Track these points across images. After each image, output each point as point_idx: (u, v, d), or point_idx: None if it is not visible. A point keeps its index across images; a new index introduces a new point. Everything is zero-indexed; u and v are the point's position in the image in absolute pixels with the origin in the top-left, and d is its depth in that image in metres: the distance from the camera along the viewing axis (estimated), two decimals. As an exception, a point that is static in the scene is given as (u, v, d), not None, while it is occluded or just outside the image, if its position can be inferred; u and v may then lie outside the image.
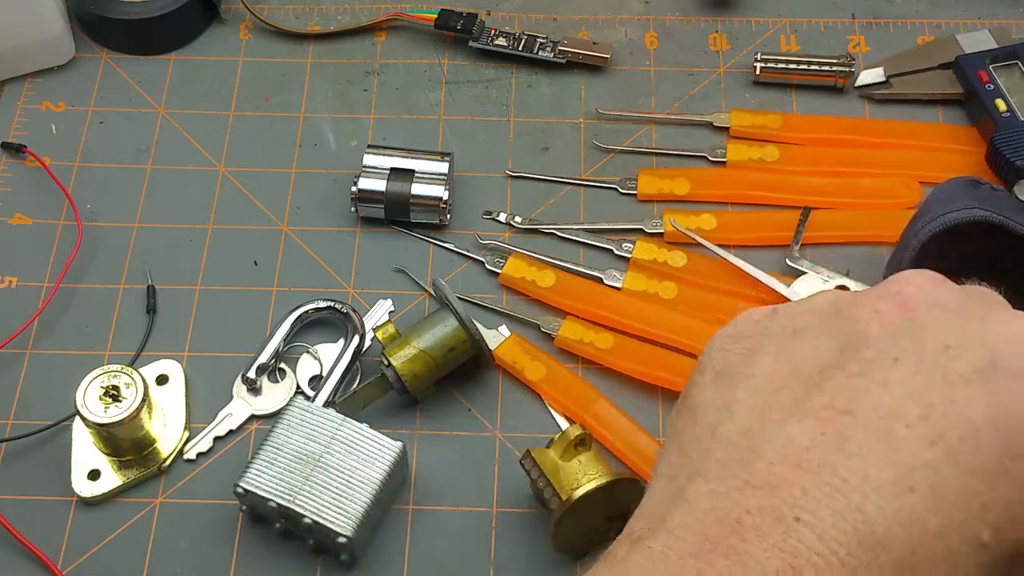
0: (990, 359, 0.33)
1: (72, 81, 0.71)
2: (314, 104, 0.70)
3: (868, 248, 0.64)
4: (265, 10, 0.74)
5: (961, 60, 0.69)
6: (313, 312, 0.61)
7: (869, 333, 0.34)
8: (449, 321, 0.58)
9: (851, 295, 0.36)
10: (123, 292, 0.63)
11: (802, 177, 0.66)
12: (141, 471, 0.57)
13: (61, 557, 0.55)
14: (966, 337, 0.33)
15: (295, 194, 0.67)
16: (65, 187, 0.66)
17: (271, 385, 0.60)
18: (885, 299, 0.35)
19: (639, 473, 0.57)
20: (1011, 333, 0.33)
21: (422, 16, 0.72)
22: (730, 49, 0.73)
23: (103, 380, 0.55)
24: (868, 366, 0.33)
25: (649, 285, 0.62)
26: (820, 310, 0.36)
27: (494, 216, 0.66)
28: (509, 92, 0.71)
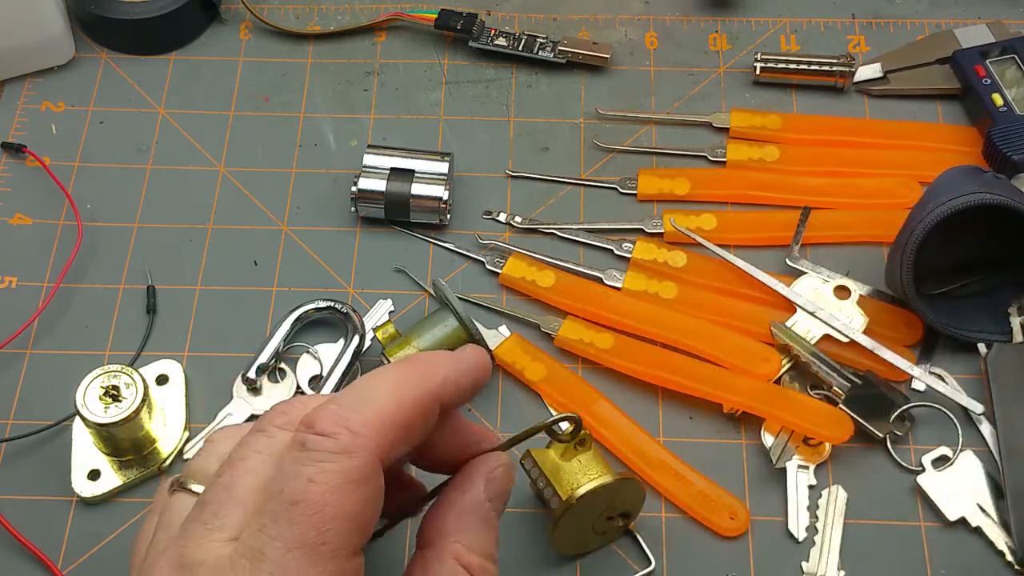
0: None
1: (72, 81, 0.72)
2: (314, 104, 0.70)
3: (868, 248, 0.64)
4: (265, 10, 0.74)
5: (958, 55, 0.69)
6: (313, 312, 0.61)
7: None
8: (449, 321, 0.58)
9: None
10: (123, 292, 0.63)
11: (802, 177, 0.66)
12: (141, 471, 0.57)
13: (61, 557, 0.55)
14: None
15: (295, 194, 0.67)
16: (65, 187, 0.66)
17: (271, 385, 0.60)
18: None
19: (639, 473, 0.57)
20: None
21: (422, 16, 0.72)
22: (730, 49, 0.73)
23: (103, 380, 0.55)
24: None
25: (649, 285, 0.62)
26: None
27: (494, 216, 0.66)
28: (509, 92, 0.71)
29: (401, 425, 0.38)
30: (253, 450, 0.39)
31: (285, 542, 0.35)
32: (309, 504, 0.35)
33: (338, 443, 0.36)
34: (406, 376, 0.39)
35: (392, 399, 0.38)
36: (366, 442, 0.37)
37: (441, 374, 0.40)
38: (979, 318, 0.60)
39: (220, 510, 0.37)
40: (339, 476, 0.36)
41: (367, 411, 0.37)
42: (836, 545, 0.55)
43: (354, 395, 0.38)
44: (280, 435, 0.39)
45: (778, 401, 0.57)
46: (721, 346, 0.59)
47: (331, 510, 0.36)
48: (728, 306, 0.61)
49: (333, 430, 0.37)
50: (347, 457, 0.36)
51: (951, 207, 0.56)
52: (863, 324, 0.59)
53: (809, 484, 0.56)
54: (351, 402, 0.38)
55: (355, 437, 0.37)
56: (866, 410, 0.57)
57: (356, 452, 0.36)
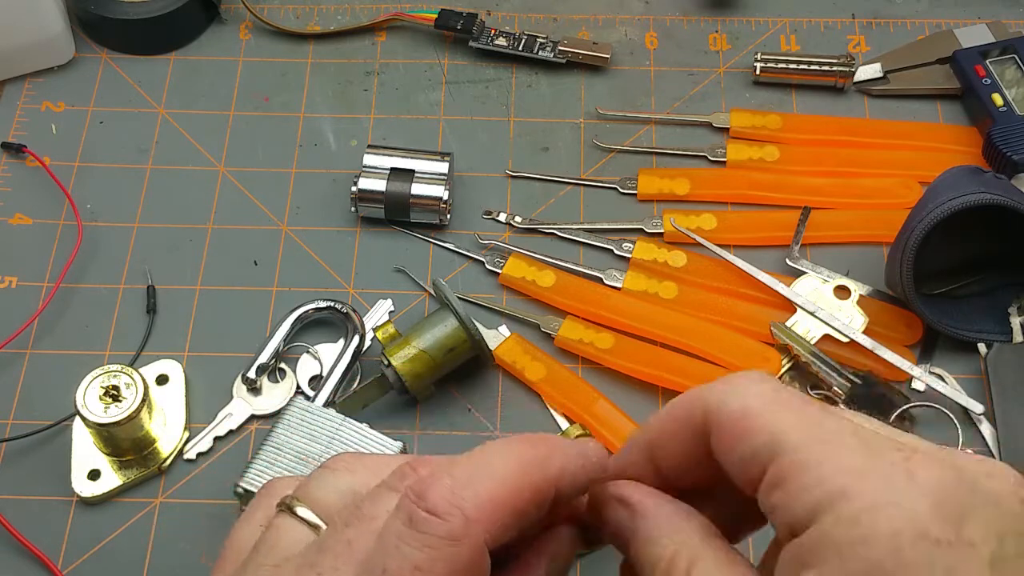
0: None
1: (72, 81, 0.72)
2: (314, 104, 0.70)
3: (868, 248, 0.64)
4: (265, 10, 0.74)
5: (958, 55, 0.69)
6: (313, 312, 0.61)
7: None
8: (449, 321, 0.58)
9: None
10: (123, 292, 0.63)
11: (802, 177, 0.66)
12: (141, 471, 0.57)
13: (61, 557, 0.55)
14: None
15: (295, 194, 0.67)
16: (65, 187, 0.66)
17: (271, 385, 0.60)
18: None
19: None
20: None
21: (422, 16, 0.72)
22: (730, 49, 0.73)
23: (103, 380, 0.55)
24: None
25: (649, 285, 0.62)
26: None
27: (494, 216, 0.66)
28: (509, 92, 0.71)
29: (514, 511, 0.35)
30: (384, 508, 0.36)
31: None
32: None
33: (450, 528, 0.33)
34: (528, 457, 0.36)
35: (511, 481, 0.35)
36: (478, 529, 0.34)
37: (560, 463, 0.37)
38: (979, 318, 0.60)
39: (338, 564, 0.35)
40: (447, 566, 0.33)
41: (483, 492, 0.34)
42: (836, 545, 0.55)
43: (471, 468, 0.35)
44: (449, 547, 0.35)
45: (778, 401, 0.57)
46: (721, 346, 0.59)
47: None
48: (728, 306, 0.61)
49: (446, 510, 0.34)
50: (456, 545, 0.33)
51: (951, 207, 0.56)
52: (863, 324, 0.59)
53: (809, 484, 0.56)
54: (467, 477, 0.35)
55: (467, 523, 0.34)
56: (866, 410, 0.57)
57: (467, 540, 0.34)
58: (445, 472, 0.35)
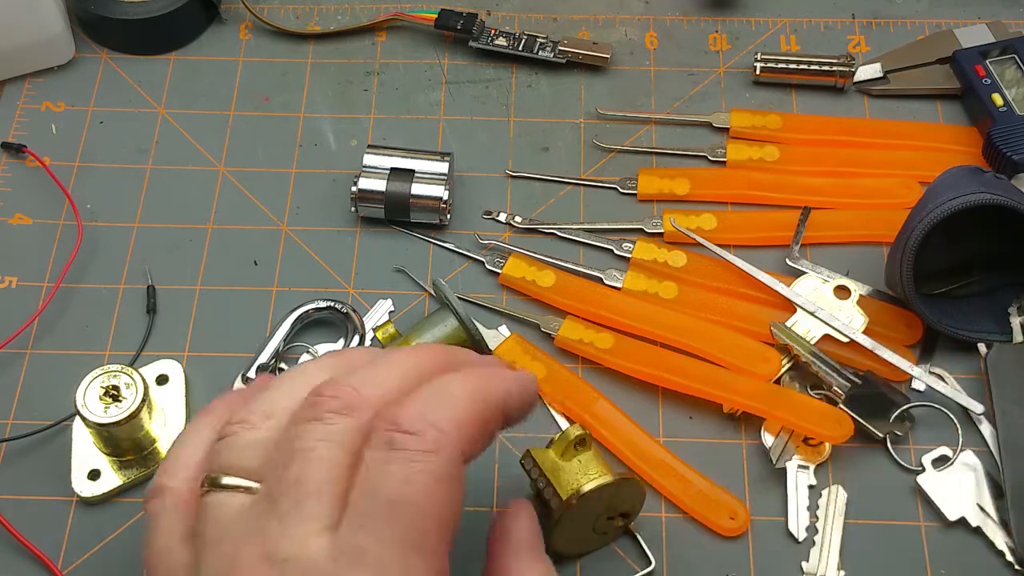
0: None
1: (72, 81, 0.72)
2: (314, 104, 0.70)
3: (868, 248, 0.64)
4: (265, 10, 0.74)
5: (958, 55, 0.69)
6: (313, 312, 0.61)
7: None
8: (449, 321, 0.58)
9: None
10: (123, 292, 0.63)
11: (802, 177, 0.66)
12: (141, 471, 0.57)
13: (61, 557, 0.55)
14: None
15: (295, 194, 0.67)
16: (65, 187, 0.66)
17: (271, 385, 0.60)
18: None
19: (639, 473, 0.57)
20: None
21: (422, 16, 0.72)
22: (730, 49, 0.73)
23: (103, 380, 0.55)
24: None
25: (649, 285, 0.62)
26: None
27: (494, 216, 0.66)
28: (509, 92, 0.71)
29: (479, 425, 0.39)
30: (316, 439, 0.38)
31: (386, 541, 0.36)
32: (407, 504, 0.36)
33: (425, 441, 0.37)
34: (480, 381, 0.41)
35: (470, 400, 0.39)
36: (451, 441, 0.38)
37: (505, 387, 0.41)
38: (979, 318, 0.60)
39: (299, 503, 0.37)
40: (431, 476, 0.37)
41: (449, 413, 0.38)
42: (836, 545, 0.55)
43: (433, 395, 0.39)
44: (341, 422, 0.38)
45: (778, 401, 0.57)
46: (721, 346, 0.59)
47: (427, 509, 0.37)
48: (728, 306, 0.61)
49: (420, 427, 0.37)
50: (435, 456, 0.37)
51: (951, 207, 0.56)
52: (863, 324, 0.59)
53: (809, 484, 0.56)
54: (432, 401, 0.39)
55: (441, 435, 0.38)
56: (866, 410, 0.57)
57: (443, 450, 0.37)
58: (410, 400, 0.39)
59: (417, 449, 0.37)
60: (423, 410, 0.38)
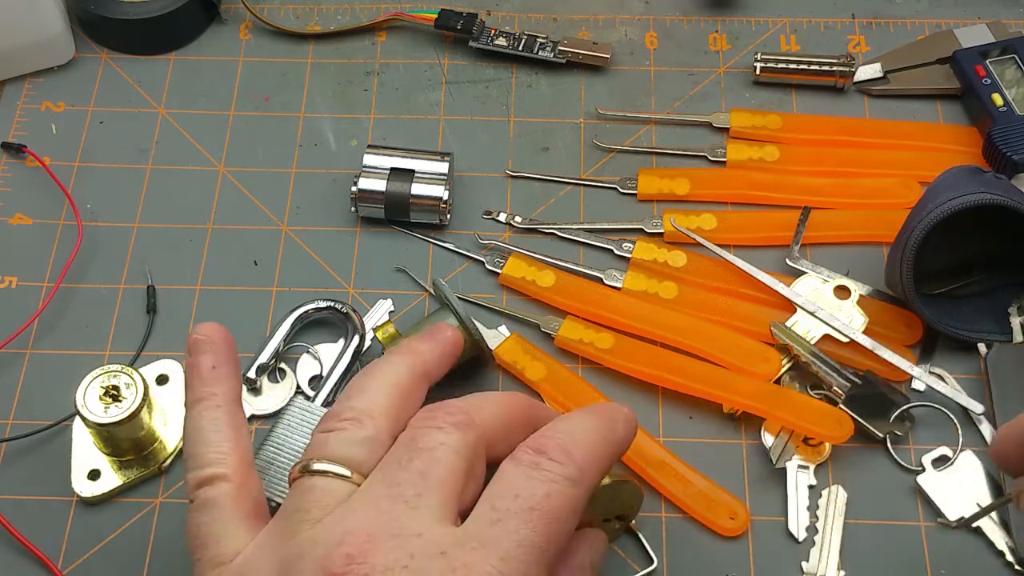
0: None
1: (72, 81, 0.72)
2: (314, 104, 0.70)
3: (868, 248, 0.64)
4: (265, 10, 0.74)
5: (958, 55, 0.69)
6: (313, 312, 0.61)
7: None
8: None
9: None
10: (123, 292, 0.63)
11: (802, 177, 0.66)
12: (141, 471, 0.57)
13: (61, 557, 0.55)
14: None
15: (295, 194, 0.67)
16: (65, 187, 0.66)
17: (271, 385, 0.60)
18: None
19: (639, 473, 0.57)
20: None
21: (422, 16, 0.72)
22: (730, 49, 0.73)
23: (103, 380, 0.55)
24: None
25: (649, 285, 0.62)
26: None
27: (494, 216, 0.66)
28: (509, 92, 0.71)
29: (603, 467, 0.44)
30: (438, 441, 0.42)
31: (518, 538, 0.39)
32: (545, 513, 0.40)
33: (568, 470, 0.41)
34: (604, 424, 0.45)
35: (600, 443, 0.44)
36: (587, 476, 0.42)
37: (621, 428, 0.46)
38: (979, 318, 0.60)
39: (423, 492, 0.41)
40: (568, 499, 0.41)
41: (585, 448, 0.43)
42: (836, 545, 0.55)
43: (571, 429, 0.43)
44: (455, 433, 0.43)
45: (778, 401, 0.57)
46: (721, 346, 0.59)
47: (558, 525, 0.41)
48: (728, 306, 0.61)
49: (563, 459, 0.42)
50: (573, 485, 0.42)
51: (951, 207, 0.56)
52: (863, 324, 0.59)
53: (809, 484, 0.56)
54: (571, 437, 0.43)
55: (579, 471, 0.42)
56: (866, 410, 0.57)
57: (581, 483, 0.42)
58: (553, 433, 0.43)
59: (560, 475, 0.41)
60: (565, 444, 0.42)
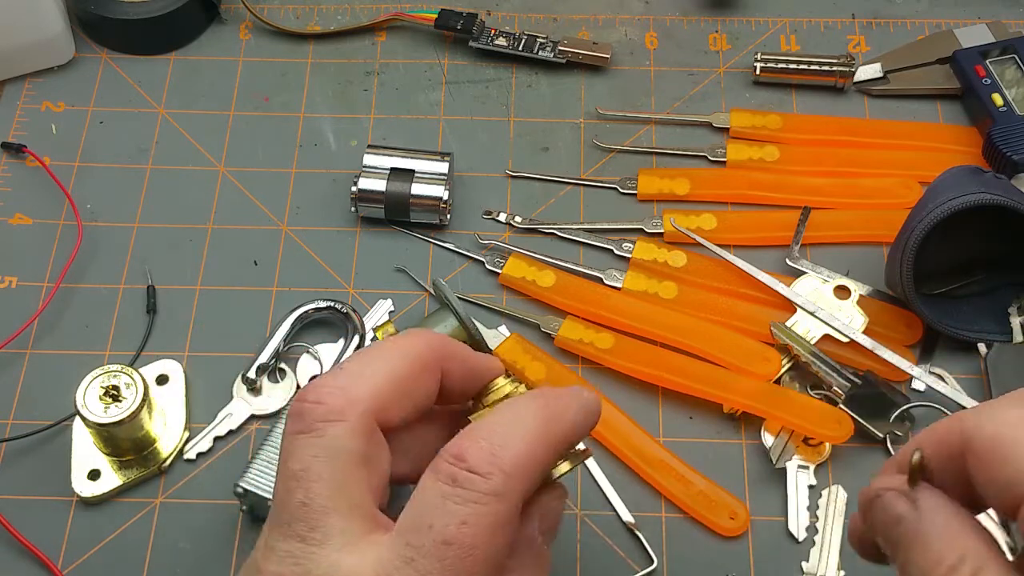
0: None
1: (72, 81, 0.72)
2: (314, 104, 0.70)
3: (868, 248, 0.64)
4: (265, 10, 0.74)
5: (958, 55, 0.69)
6: (313, 312, 0.61)
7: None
8: (449, 321, 0.58)
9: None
10: (123, 292, 0.63)
11: (802, 177, 0.66)
12: (141, 471, 0.57)
13: (61, 557, 0.55)
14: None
15: (295, 194, 0.67)
16: (65, 187, 0.66)
17: (271, 385, 0.60)
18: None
19: (639, 473, 0.57)
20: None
21: (422, 16, 0.72)
22: (730, 49, 0.73)
23: (103, 380, 0.55)
24: None
25: (649, 285, 0.62)
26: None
27: (494, 216, 0.66)
28: (509, 92, 0.71)
29: (542, 466, 0.38)
30: (310, 455, 0.38)
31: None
32: (462, 547, 0.35)
33: (492, 485, 0.36)
34: (548, 414, 0.39)
35: (539, 439, 0.38)
36: (517, 485, 0.37)
37: (572, 417, 0.39)
38: (979, 318, 0.60)
39: (317, 525, 0.37)
40: (491, 520, 0.36)
41: (518, 450, 0.37)
42: (836, 545, 0.55)
43: (502, 429, 0.38)
44: (331, 429, 0.38)
45: (778, 401, 0.57)
46: (721, 346, 0.59)
47: (480, 553, 0.36)
48: (728, 306, 0.61)
49: (487, 470, 0.36)
50: (498, 500, 0.36)
51: (951, 207, 0.56)
52: (863, 324, 0.59)
53: (809, 484, 0.56)
54: (501, 439, 0.37)
55: (508, 480, 0.36)
56: (866, 410, 0.57)
57: (507, 496, 0.36)
58: (479, 436, 0.37)
59: (481, 491, 0.36)
60: (492, 449, 0.37)
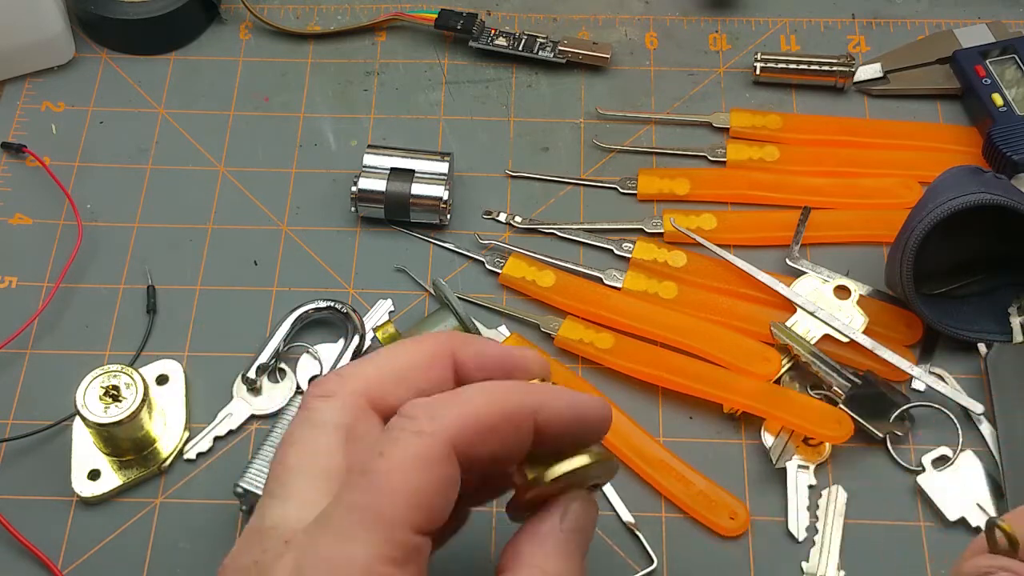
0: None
1: (72, 81, 0.72)
2: (314, 104, 0.70)
3: (868, 248, 0.64)
4: (265, 10, 0.74)
5: (958, 55, 0.69)
6: (313, 312, 0.61)
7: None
8: (449, 321, 0.58)
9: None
10: (123, 292, 0.63)
11: (802, 177, 0.66)
12: (141, 471, 0.57)
13: (61, 557, 0.55)
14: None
15: (295, 194, 0.67)
16: (65, 187, 0.66)
17: (271, 385, 0.60)
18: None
19: (639, 473, 0.57)
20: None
21: (422, 16, 0.72)
22: (730, 49, 0.73)
23: (103, 380, 0.55)
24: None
25: (649, 285, 0.62)
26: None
27: (494, 216, 0.66)
28: (509, 92, 0.71)
29: (484, 425, 0.39)
30: (296, 426, 0.42)
31: (347, 505, 0.38)
32: (376, 474, 0.38)
33: (415, 424, 0.39)
34: (504, 387, 0.42)
35: (481, 400, 0.40)
36: (441, 429, 0.39)
37: (541, 398, 0.41)
38: (979, 318, 0.60)
39: (285, 482, 0.40)
40: (408, 453, 0.38)
41: (453, 404, 0.40)
42: (836, 545, 0.55)
43: (449, 396, 0.41)
44: (319, 404, 0.42)
45: (778, 401, 0.57)
46: (721, 346, 0.59)
47: (394, 482, 0.38)
48: (728, 306, 0.61)
49: (414, 414, 0.39)
50: (419, 437, 0.38)
51: (951, 207, 0.56)
52: (863, 324, 0.59)
53: (809, 484, 0.56)
54: (444, 396, 0.40)
55: (432, 422, 0.39)
56: (866, 410, 0.57)
57: (429, 435, 0.38)
58: (437, 396, 0.40)
59: (403, 429, 0.39)
60: (430, 401, 0.40)
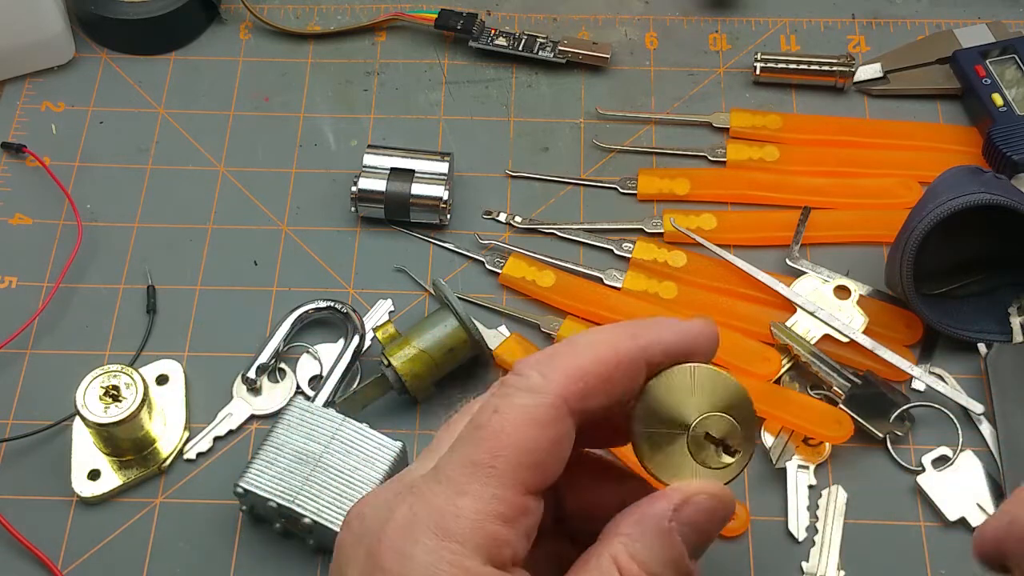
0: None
1: (72, 81, 0.72)
2: (314, 104, 0.70)
3: (868, 248, 0.64)
4: (265, 10, 0.74)
5: (958, 55, 0.69)
6: (313, 312, 0.61)
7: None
8: (449, 321, 0.58)
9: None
10: (123, 292, 0.63)
11: (802, 177, 0.66)
12: (141, 471, 0.57)
13: (61, 557, 0.55)
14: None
15: (295, 194, 0.67)
16: (65, 187, 0.66)
17: (271, 385, 0.60)
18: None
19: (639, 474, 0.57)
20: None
21: (422, 16, 0.72)
22: (730, 49, 0.73)
23: (103, 380, 0.55)
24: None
25: (649, 285, 0.62)
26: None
27: (494, 216, 0.66)
28: (509, 92, 0.71)
29: (596, 376, 0.40)
30: (473, 403, 0.42)
31: (460, 459, 0.38)
32: (488, 429, 0.38)
33: (527, 382, 0.39)
34: (613, 332, 0.41)
35: (592, 351, 0.40)
36: (554, 386, 0.39)
37: (652, 335, 0.41)
38: (979, 318, 0.60)
39: (435, 447, 0.41)
40: (520, 410, 0.38)
41: (564, 359, 0.40)
42: (836, 545, 0.55)
43: (560, 346, 0.41)
44: (528, 398, 0.41)
45: (778, 401, 0.57)
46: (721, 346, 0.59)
47: (506, 438, 0.38)
48: (728, 306, 0.61)
49: (527, 372, 0.39)
50: (531, 395, 0.39)
51: (951, 207, 0.56)
52: (863, 324, 0.59)
53: (809, 484, 0.56)
54: (554, 350, 0.40)
55: (543, 379, 0.39)
56: (866, 410, 0.57)
57: (541, 392, 0.39)
58: (542, 351, 0.41)
59: (515, 387, 0.39)
60: (540, 357, 0.40)
